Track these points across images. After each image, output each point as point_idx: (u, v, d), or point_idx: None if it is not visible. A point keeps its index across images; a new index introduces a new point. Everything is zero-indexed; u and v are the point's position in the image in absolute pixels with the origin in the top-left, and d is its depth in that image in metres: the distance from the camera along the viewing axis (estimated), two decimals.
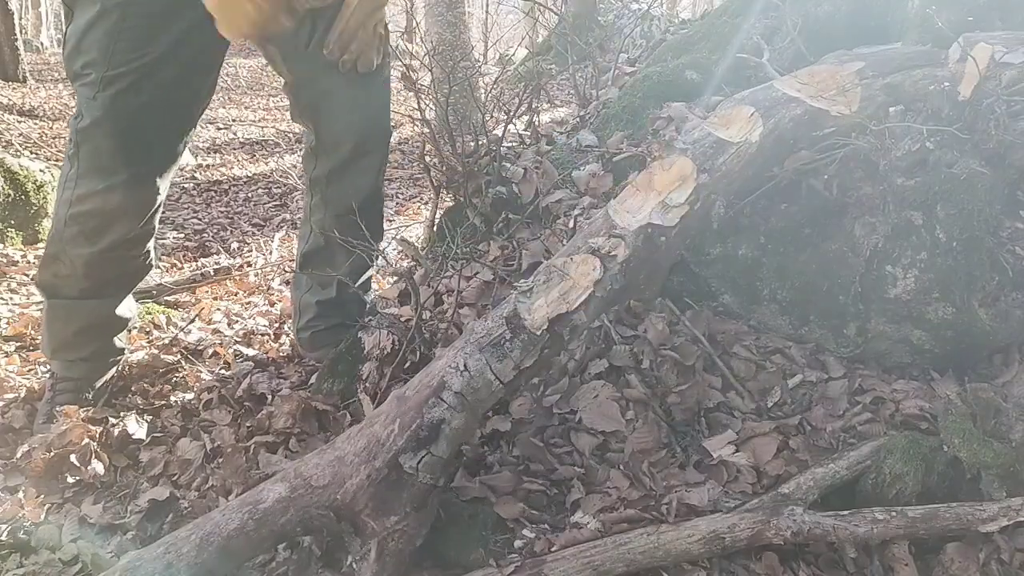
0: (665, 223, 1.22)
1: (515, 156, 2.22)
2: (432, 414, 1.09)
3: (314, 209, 1.83)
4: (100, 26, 1.41)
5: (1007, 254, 1.47)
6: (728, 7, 2.67)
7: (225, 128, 7.27)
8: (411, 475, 1.08)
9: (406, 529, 1.10)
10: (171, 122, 1.57)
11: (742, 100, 1.43)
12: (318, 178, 1.79)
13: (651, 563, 1.17)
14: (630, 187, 1.29)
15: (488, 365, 1.11)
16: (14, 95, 7.16)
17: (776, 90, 1.45)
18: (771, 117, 1.39)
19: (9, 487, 1.49)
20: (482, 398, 1.12)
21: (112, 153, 1.51)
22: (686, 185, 1.25)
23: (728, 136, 1.35)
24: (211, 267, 2.95)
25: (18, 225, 3.17)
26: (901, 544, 1.22)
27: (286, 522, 1.05)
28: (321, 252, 1.83)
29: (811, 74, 1.49)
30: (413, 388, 1.13)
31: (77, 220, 1.57)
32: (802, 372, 1.57)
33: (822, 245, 1.57)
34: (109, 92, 1.44)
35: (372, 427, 1.11)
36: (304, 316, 1.91)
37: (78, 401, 1.70)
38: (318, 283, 1.89)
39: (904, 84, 1.52)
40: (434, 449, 1.09)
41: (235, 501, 1.09)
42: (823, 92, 1.45)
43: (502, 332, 1.12)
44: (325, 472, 1.09)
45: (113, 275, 1.68)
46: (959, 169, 1.44)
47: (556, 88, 5.99)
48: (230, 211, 4.51)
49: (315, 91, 1.65)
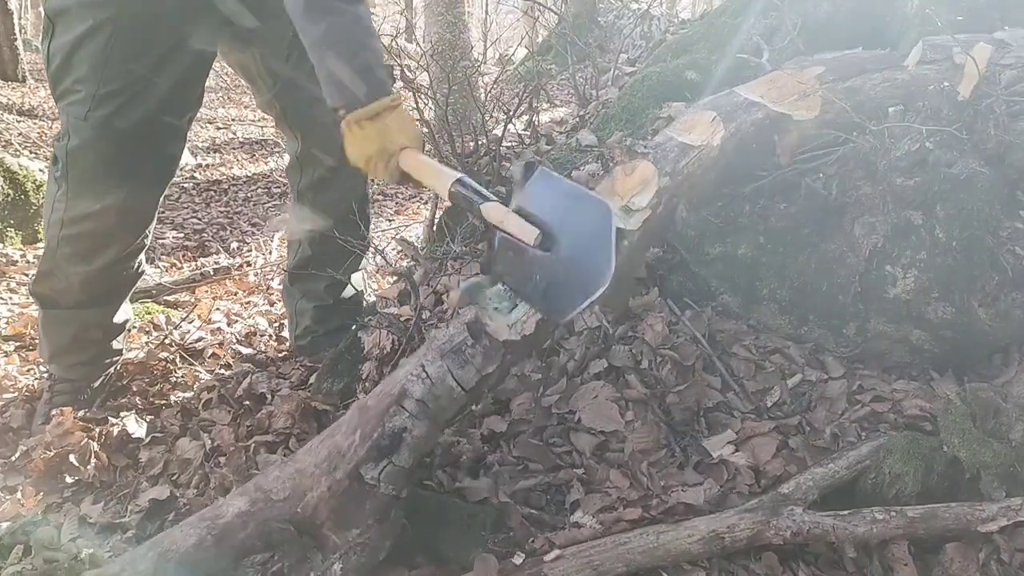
0: (628, 227, 1.22)
1: (515, 156, 2.22)
2: (393, 423, 1.06)
3: (302, 221, 1.81)
4: (92, 42, 1.37)
5: (1007, 254, 1.47)
6: (728, 7, 2.67)
7: (225, 128, 7.26)
8: (372, 486, 1.05)
9: (368, 542, 1.07)
10: (164, 136, 1.53)
11: (705, 105, 1.44)
12: (305, 190, 1.77)
13: (651, 563, 1.16)
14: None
15: (449, 372, 1.09)
16: (13, 95, 7.16)
17: (738, 95, 1.47)
18: (732, 121, 1.40)
19: (9, 487, 1.49)
20: (444, 406, 1.10)
21: (105, 174, 1.47)
22: (648, 189, 1.25)
23: (690, 140, 1.35)
24: (211, 267, 2.95)
25: (17, 225, 3.17)
26: (900, 544, 1.22)
27: (246, 537, 1.01)
28: (311, 263, 1.82)
29: (773, 79, 1.50)
30: (375, 397, 1.11)
31: (71, 242, 1.54)
32: (802, 372, 1.56)
33: (822, 245, 1.57)
34: (101, 112, 1.40)
35: (333, 437, 1.09)
36: (301, 323, 1.91)
37: (76, 402, 1.70)
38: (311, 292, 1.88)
39: (864, 87, 1.52)
40: (395, 459, 1.06)
41: (194, 516, 1.06)
42: (785, 97, 1.46)
43: (463, 338, 1.11)
44: (285, 485, 1.06)
45: (108, 287, 1.67)
46: (959, 169, 1.44)
47: (556, 88, 5.99)
48: (229, 211, 4.50)
49: (301, 98, 1.63)
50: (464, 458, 1.40)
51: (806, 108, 1.45)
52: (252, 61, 1.66)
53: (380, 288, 2.36)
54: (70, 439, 1.53)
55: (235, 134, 7.02)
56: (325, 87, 1.23)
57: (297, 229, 1.85)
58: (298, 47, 1.57)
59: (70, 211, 1.51)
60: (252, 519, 1.03)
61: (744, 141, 1.41)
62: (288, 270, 1.92)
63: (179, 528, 1.04)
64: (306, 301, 1.89)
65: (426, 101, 2.26)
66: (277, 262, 3.15)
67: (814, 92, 1.46)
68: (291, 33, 1.55)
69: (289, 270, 1.91)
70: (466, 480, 1.35)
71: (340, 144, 1.68)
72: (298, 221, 1.83)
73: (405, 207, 4.62)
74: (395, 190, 5.00)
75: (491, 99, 3.12)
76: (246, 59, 1.65)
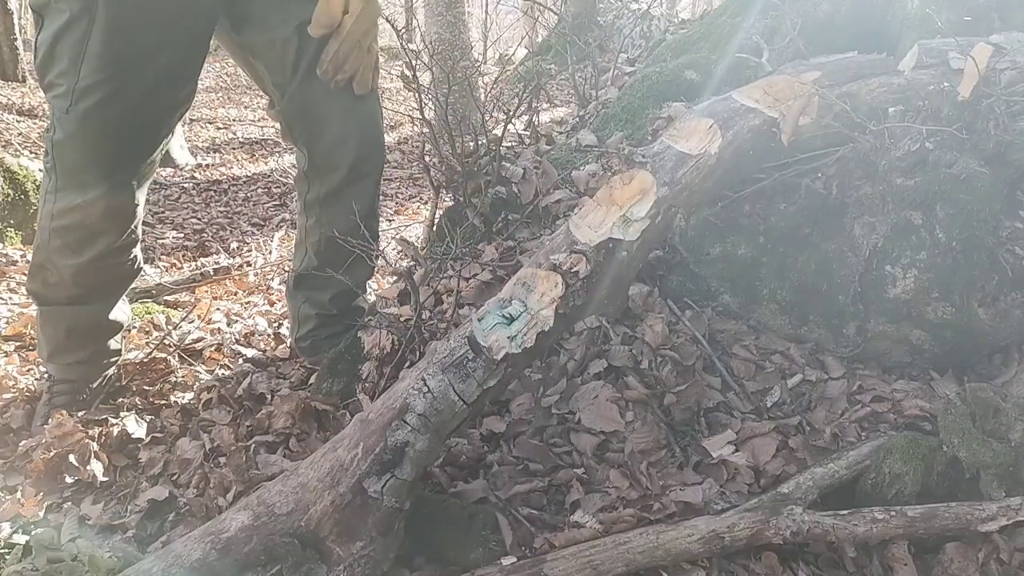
0: (626, 237, 1.22)
1: (515, 156, 2.22)
2: (396, 437, 1.07)
3: (309, 231, 1.80)
4: (70, 34, 1.36)
5: (1007, 254, 1.47)
6: (728, 7, 2.67)
7: (225, 128, 7.26)
8: (376, 499, 1.06)
9: (372, 555, 1.08)
10: (147, 132, 1.51)
11: (701, 112, 1.44)
12: (312, 202, 1.76)
13: (651, 563, 1.17)
14: (591, 201, 1.28)
15: (451, 386, 1.09)
16: (13, 95, 7.15)
17: (735, 101, 1.46)
18: (730, 128, 1.39)
19: (9, 487, 1.49)
20: (446, 420, 1.10)
21: (88, 166, 1.47)
22: (647, 199, 1.25)
23: (688, 149, 1.35)
24: (211, 267, 2.95)
25: (17, 224, 3.17)
26: (900, 544, 1.22)
27: (250, 551, 1.02)
28: (316, 273, 1.81)
29: (769, 84, 1.49)
30: (376, 411, 1.11)
31: (60, 233, 1.54)
32: (802, 372, 1.57)
33: (822, 245, 1.57)
34: (82, 105, 1.39)
35: (336, 451, 1.09)
36: (304, 327, 1.90)
37: (75, 403, 1.70)
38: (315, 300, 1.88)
39: (861, 93, 1.52)
40: (398, 472, 1.07)
41: (197, 530, 1.07)
42: (781, 102, 1.45)
43: (464, 352, 1.10)
44: (289, 499, 1.06)
45: (102, 282, 1.66)
46: (959, 169, 1.44)
47: (556, 88, 5.99)
48: (229, 211, 4.50)
49: (308, 114, 1.62)
50: (464, 458, 1.40)
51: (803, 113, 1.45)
52: (260, 77, 1.65)
53: (380, 288, 2.36)
54: (70, 439, 1.53)
55: (235, 134, 7.02)
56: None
57: (303, 237, 1.83)
58: (305, 61, 1.56)
59: (59, 203, 1.51)
60: (256, 533, 1.04)
61: (741, 148, 1.41)
62: (294, 275, 1.91)
63: (183, 542, 1.04)
64: (309, 307, 1.88)
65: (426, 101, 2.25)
66: (277, 262, 3.15)
67: (811, 97, 1.46)
68: (295, 45, 1.54)
69: (295, 275, 1.90)
70: (466, 480, 1.35)
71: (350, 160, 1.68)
72: (305, 229, 1.82)
73: (405, 207, 4.62)
74: (395, 190, 5.00)
75: (491, 99, 3.11)
76: (256, 71, 1.65)
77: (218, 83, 9.01)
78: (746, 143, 1.41)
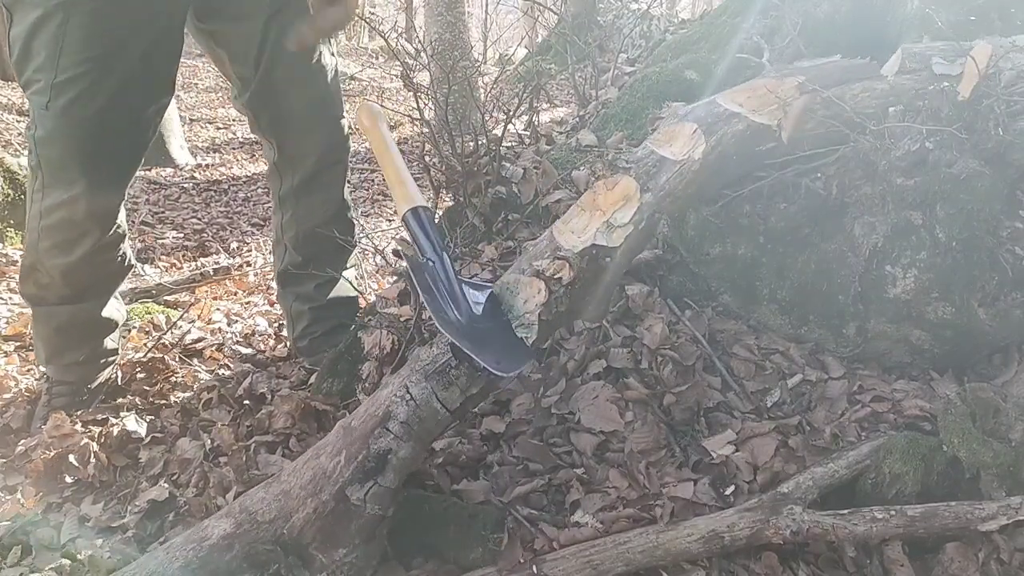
0: (610, 243, 1.21)
1: (515, 156, 2.22)
2: (378, 444, 1.06)
3: (286, 227, 1.80)
4: (45, 29, 1.35)
5: (1007, 254, 1.47)
6: (728, 7, 2.67)
7: (225, 128, 7.26)
8: (358, 507, 1.06)
9: (355, 562, 1.08)
10: (127, 126, 1.50)
11: (685, 116, 1.43)
12: (286, 196, 1.76)
13: (650, 562, 1.17)
14: (575, 207, 1.27)
15: (434, 393, 1.08)
16: (13, 95, 7.15)
17: (718, 105, 1.45)
18: (713, 133, 1.38)
19: (9, 487, 1.49)
20: (429, 427, 1.10)
21: (70, 163, 1.46)
22: (630, 204, 1.24)
23: (671, 154, 1.34)
24: (211, 267, 2.95)
25: (18, 225, 3.17)
26: (894, 545, 1.22)
27: (232, 559, 1.02)
28: (299, 267, 1.81)
29: (751, 89, 1.48)
30: (359, 418, 1.11)
31: (49, 233, 1.54)
32: (802, 372, 1.57)
33: (821, 245, 1.57)
34: (62, 100, 1.38)
35: (318, 459, 1.09)
36: (299, 324, 1.90)
37: (74, 404, 1.70)
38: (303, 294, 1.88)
39: (844, 97, 1.52)
40: (381, 480, 1.07)
41: (179, 538, 1.06)
42: (764, 107, 1.45)
43: (447, 359, 1.10)
44: (271, 506, 1.06)
45: (92, 280, 1.66)
46: (959, 169, 1.44)
47: (556, 88, 5.99)
48: (229, 211, 4.51)
49: (273, 104, 1.63)
50: (464, 458, 1.40)
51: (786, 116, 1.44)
52: (222, 63, 1.65)
53: (380, 288, 2.36)
54: (70, 439, 1.53)
55: (235, 134, 7.02)
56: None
57: (280, 235, 1.84)
58: (268, 52, 1.56)
59: (47, 200, 1.51)
60: (238, 540, 1.04)
61: (725, 153, 1.40)
62: (277, 273, 1.92)
63: (165, 550, 1.04)
64: (300, 303, 1.88)
65: (426, 101, 2.26)
66: None
67: (794, 102, 1.45)
68: (260, 38, 1.54)
69: (278, 274, 1.91)
70: (465, 481, 1.35)
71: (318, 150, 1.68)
72: (281, 226, 1.82)
73: None
74: None
75: (491, 99, 3.11)
76: (218, 58, 1.64)
77: (218, 83, 9.00)
78: (730, 148, 1.40)
